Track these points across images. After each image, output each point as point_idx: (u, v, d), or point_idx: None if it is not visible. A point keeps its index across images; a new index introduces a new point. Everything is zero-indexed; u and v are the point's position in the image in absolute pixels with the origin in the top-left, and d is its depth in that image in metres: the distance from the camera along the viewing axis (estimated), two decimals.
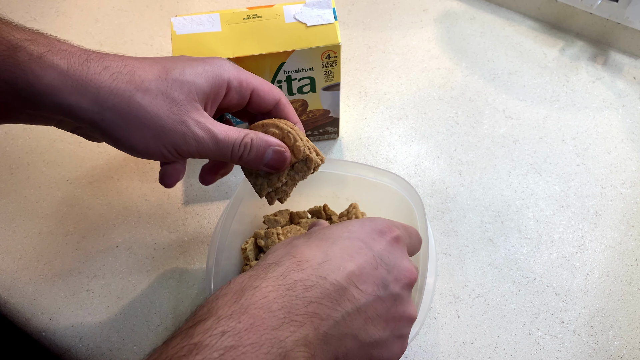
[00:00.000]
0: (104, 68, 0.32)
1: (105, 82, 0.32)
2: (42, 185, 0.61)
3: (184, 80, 0.34)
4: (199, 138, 0.35)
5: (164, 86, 0.33)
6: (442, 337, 0.51)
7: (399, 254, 0.36)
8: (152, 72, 0.34)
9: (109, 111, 0.32)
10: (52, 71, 0.31)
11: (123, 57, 0.34)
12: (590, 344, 0.51)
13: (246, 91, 0.37)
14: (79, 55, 0.32)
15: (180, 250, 0.56)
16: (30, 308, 0.53)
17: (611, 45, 0.70)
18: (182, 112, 0.34)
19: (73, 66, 0.32)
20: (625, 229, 0.57)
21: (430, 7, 0.75)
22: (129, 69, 0.33)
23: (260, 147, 0.37)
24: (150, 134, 0.33)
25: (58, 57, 0.31)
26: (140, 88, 0.33)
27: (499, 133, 0.64)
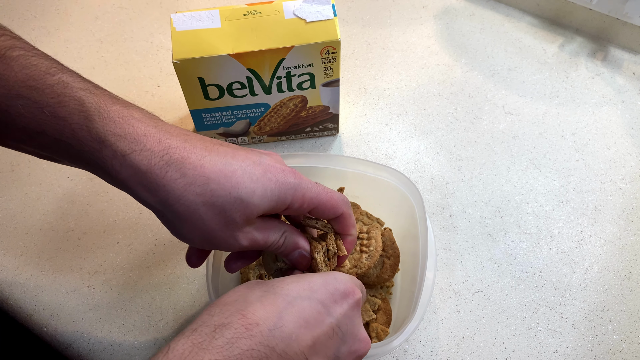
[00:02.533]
0: (180, 175, 0.33)
1: (177, 191, 0.33)
2: (43, 182, 0.61)
3: (250, 202, 0.35)
4: (242, 246, 0.36)
5: (229, 205, 0.34)
6: (442, 332, 0.51)
7: (357, 321, 0.35)
8: (225, 187, 0.34)
9: (171, 214, 0.34)
10: (131, 170, 0.33)
11: (203, 160, 0.34)
12: (589, 338, 0.51)
13: (305, 210, 0.38)
14: (160, 157, 0.33)
15: (181, 246, 0.56)
16: (31, 304, 0.53)
17: (610, 41, 0.70)
18: (236, 229, 0.35)
19: (152, 169, 0.33)
20: (624, 224, 0.57)
21: (430, 4, 0.75)
22: (204, 181, 0.34)
23: (289, 247, 0.39)
24: (200, 236, 0.35)
25: (140, 157, 0.33)
26: (207, 202, 0.34)
27: (498, 129, 0.64)
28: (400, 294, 0.52)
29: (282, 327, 0.31)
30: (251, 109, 0.57)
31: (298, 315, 0.32)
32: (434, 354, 0.50)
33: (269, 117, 0.59)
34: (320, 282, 0.34)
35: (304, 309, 0.32)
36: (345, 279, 0.36)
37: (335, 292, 0.34)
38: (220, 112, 0.57)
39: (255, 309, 0.31)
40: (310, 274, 0.36)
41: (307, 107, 0.59)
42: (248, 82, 0.54)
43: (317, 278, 0.35)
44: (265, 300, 0.32)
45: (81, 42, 0.72)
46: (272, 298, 0.32)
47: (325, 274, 0.36)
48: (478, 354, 0.50)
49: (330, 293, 0.34)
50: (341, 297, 0.35)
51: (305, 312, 0.32)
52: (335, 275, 0.36)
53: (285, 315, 0.32)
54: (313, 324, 0.32)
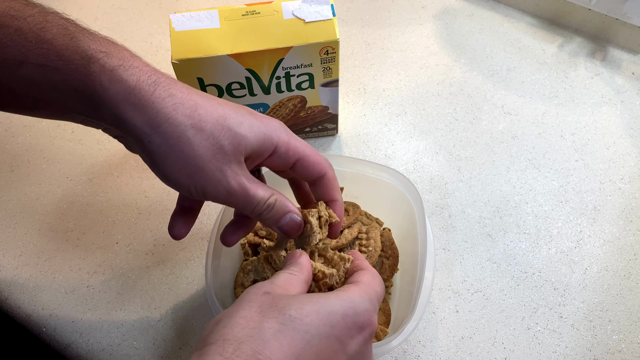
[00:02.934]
0: (169, 95, 0.33)
1: (166, 109, 0.32)
2: (42, 182, 0.61)
3: (238, 132, 0.34)
4: (231, 189, 0.35)
5: (218, 132, 0.34)
6: (441, 332, 0.51)
7: (368, 353, 0.35)
8: (213, 114, 0.34)
9: (158, 136, 0.33)
10: (119, 85, 0.32)
11: (190, 90, 0.35)
12: (588, 338, 0.51)
13: (291, 158, 0.38)
14: (149, 75, 0.33)
15: (180, 246, 0.56)
16: (30, 304, 0.53)
17: (610, 41, 0.70)
18: (224, 162, 0.34)
19: (140, 85, 0.32)
20: (623, 224, 0.57)
21: (429, 4, 0.75)
22: (192, 104, 0.33)
23: (280, 210, 0.38)
24: (187, 170, 0.34)
25: (128, 73, 0.32)
26: (195, 125, 0.33)
27: (497, 129, 0.64)
28: (399, 294, 0.52)
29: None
30: None
31: (315, 357, 0.31)
32: (433, 354, 0.50)
33: None
34: (340, 314, 0.32)
35: (322, 350, 0.31)
36: (364, 307, 0.34)
37: (353, 326, 0.33)
38: None
39: (273, 351, 0.29)
40: (327, 296, 0.33)
41: (306, 107, 0.59)
42: (247, 83, 0.54)
43: (337, 306, 0.32)
44: (283, 340, 0.30)
45: None
46: (290, 335, 0.30)
47: (346, 298, 0.33)
48: (477, 354, 0.50)
49: (348, 327, 0.32)
50: (358, 331, 0.33)
51: (323, 353, 0.31)
52: (355, 303, 0.33)
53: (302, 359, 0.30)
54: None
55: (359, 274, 0.38)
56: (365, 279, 0.37)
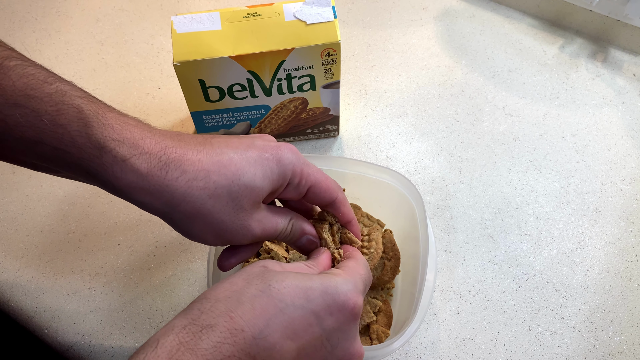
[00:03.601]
0: (181, 173, 0.34)
1: (180, 189, 0.34)
2: (44, 184, 0.61)
3: (253, 186, 0.35)
4: (256, 236, 0.37)
5: (235, 193, 0.35)
6: (442, 333, 0.51)
7: (351, 334, 0.35)
8: (226, 176, 0.35)
9: (178, 214, 0.34)
10: (132, 175, 0.33)
11: (200, 155, 0.35)
12: (590, 340, 0.51)
13: (303, 188, 0.39)
14: (159, 158, 0.34)
15: (182, 248, 0.56)
16: (32, 306, 0.53)
17: (611, 43, 0.70)
18: (246, 217, 0.36)
19: (152, 171, 0.33)
20: (625, 225, 0.57)
21: (430, 5, 0.75)
22: (205, 174, 0.34)
23: (297, 234, 0.40)
24: (212, 233, 0.36)
25: (140, 161, 0.33)
26: (212, 195, 0.34)
27: (498, 130, 0.64)
28: (401, 295, 0.52)
29: (267, 337, 0.30)
30: (252, 111, 0.57)
31: (286, 324, 0.31)
32: (434, 356, 0.50)
33: (269, 119, 0.59)
34: (319, 290, 0.33)
35: (294, 319, 0.32)
36: (347, 287, 0.34)
37: (333, 303, 0.33)
38: (221, 114, 0.57)
39: (244, 311, 0.31)
40: (311, 276, 0.34)
41: (307, 108, 0.59)
42: (248, 84, 0.54)
43: (317, 284, 0.33)
44: (257, 303, 0.31)
45: (82, 44, 0.72)
46: (264, 301, 0.31)
47: (328, 279, 0.34)
48: (479, 355, 0.50)
49: (326, 304, 0.33)
50: (338, 309, 0.33)
51: (295, 322, 0.32)
52: (337, 283, 0.34)
53: (272, 324, 0.31)
54: (300, 335, 0.32)
55: (344, 262, 0.39)
56: (350, 264, 0.38)
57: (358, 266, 0.38)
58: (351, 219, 0.43)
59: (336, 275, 0.35)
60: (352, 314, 0.34)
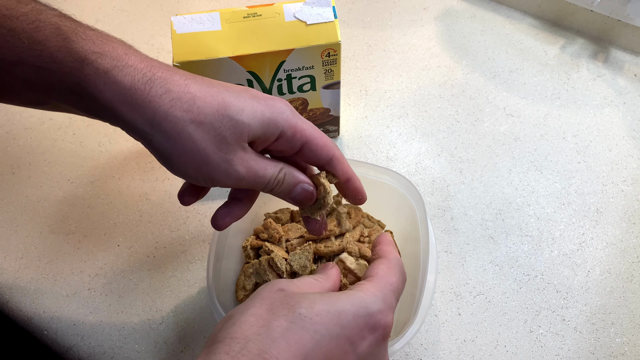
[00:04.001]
0: (165, 91, 0.33)
1: (163, 107, 0.32)
2: (44, 185, 0.61)
3: (239, 120, 0.34)
4: (240, 175, 0.35)
5: (218, 122, 0.33)
6: (443, 335, 0.51)
7: (381, 354, 0.34)
8: (212, 104, 0.34)
9: (159, 134, 0.33)
10: (114, 87, 0.32)
11: (187, 81, 0.34)
12: (591, 341, 0.51)
13: (297, 142, 0.37)
14: (143, 73, 0.33)
15: (182, 249, 0.56)
16: (32, 307, 0.53)
17: (612, 43, 0.70)
18: (229, 151, 0.34)
19: (136, 85, 0.32)
20: (626, 226, 0.57)
21: (431, 5, 0.75)
22: (190, 97, 0.33)
23: (291, 182, 0.38)
24: (193, 163, 0.34)
25: (123, 73, 0.32)
26: (195, 119, 0.33)
27: (499, 131, 0.64)
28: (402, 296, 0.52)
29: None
30: None
31: (324, 357, 0.30)
32: (435, 357, 0.50)
33: None
34: (351, 314, 0.32)
35: (331, 350, 0.30)
36: (377, 307, 0.33)
37: (365, 326, 0.32)
38: None
39: (280, 350, 0.28)
40: (339, 295, 0.32)
41: (307, 109, 0.58)
42: (248, 85, 0.54)
43: (348, 305, 0.32)
44: (291, 338, 0.29)
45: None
46: (299, 334, 0.29)
47: (357, 298, 0.33)
48: (480, 357, 0.50)
49: (359, 328, 0.32)
50: (370, 331, 0.32)
51: (332, 353, 0.30)
52: (367, 302, 0.33)
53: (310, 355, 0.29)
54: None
55: (375, 265, 0.37)
56: (381, 271, 0.36)
57: (389, 273, 0.36)
58: (351, 176, 0.41)
59: (365, 292, 0.33)
60: (383, 335, 0.33)
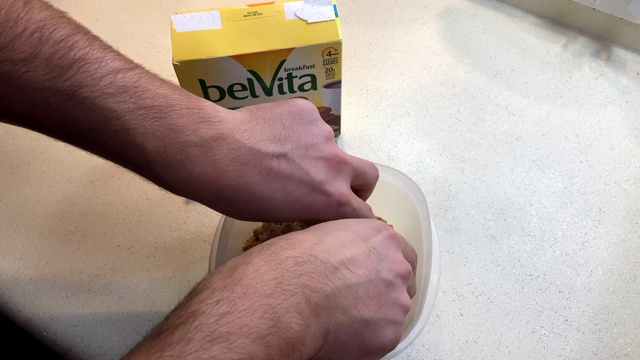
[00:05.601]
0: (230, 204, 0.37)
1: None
2: (43, 185, 0.60)
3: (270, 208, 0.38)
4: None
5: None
6: (445, 335, 0.51)
7: (394, 249, 0.37)
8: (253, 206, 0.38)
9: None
10: (168, 173, 0.36)
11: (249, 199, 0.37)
12: (594, 342, 0.50)
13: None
14: (214, 195, 0.37)
15: (182, 249, 0.56)
16: (31, 308, 0.53)
17: (614, 41, 0.70)
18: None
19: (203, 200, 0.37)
20: (629, 226, 0.57)
21: (432, 4, 0.74)
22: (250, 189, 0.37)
23: None
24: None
25: (172, 159, 0.35)
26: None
27: (501, 130, 0.63)
28: None
29: (322, 244, 0.34)
30: None
31: (336, 239, 0.35)
32: (437, 358, 0.50)
33: None
34: (355, 221, 0.38)
35: (341, 236, 0.35)
36: (378, 222, 0.39)
37: (369, 227, 0.37)
38: None
39: (297, 235, 0.35)
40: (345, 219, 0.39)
41: None
42: (249, 84, 0.53)
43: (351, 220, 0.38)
44: (306, 231, 0.36)
45: None
46: (311, 230, 0.36)
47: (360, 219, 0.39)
48: (482, 358, 0.50)
49: (363, 228, 0.37)
50: (375, 230, 0.37)
51: (342, 237, 0.35)
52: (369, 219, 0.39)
53: (324, 239, 0.35)
54: (350, 245, 0.35)
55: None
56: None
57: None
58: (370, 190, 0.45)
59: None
60: (388, 234, 0.38)
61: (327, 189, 0.38)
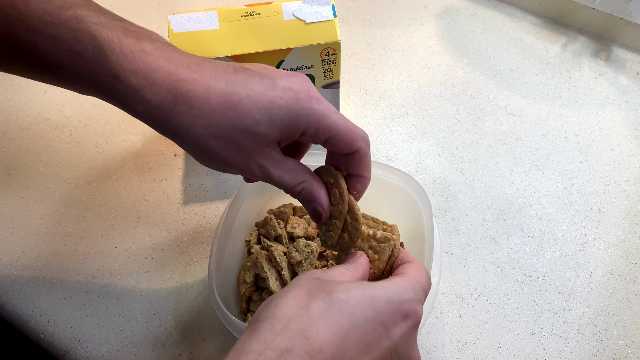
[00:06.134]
0: (187, 108, 0.35)
1: (185, 124, 0.35)
2: (40, 186, 0.60)
3: (256, 132, 0.36)
4: (257, 177, 0.38)
5: (236, 136, 0.36)
6: (444, 337, 0.51)
7: (412, 342, 0.35)
8: (230, 118, 0.36)
9: (186, 145, 0.37)
10: (143, 105, 0.35)
11: (210, 92, 0.36)
12: (594, 343, 0.50)
13: (320, 138, 0.38)
14: (169, 91, 0.35)
15: (180, 250, 0.56)
16: (28, 310, 0.53)
17: (614, 41, 0.69)
18: (247, 157, 0.37)
19: (162, 103, 0.35)
20: (629, 227, 0.56)
21: (431, 3, 0.74)
22: (209, 113, 0.35)
23: (306, 199, 0.39)
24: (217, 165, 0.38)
25: (151, 92, 0.34)
26: (214, 134, 0.36)
27: (500, 130, 0.63)
28: None
29: (345, 354, 0.31)
30: None
31: (360, 339, 0.32)
32: None
33: None
34: (385, 299, 0.33)
35: (367, 332, 0.32)
36: (409, 296, 0.34)
37: (397, 312, 0.34)
38: None
39: (320, 330, 0.31)
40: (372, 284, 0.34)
41: None
42: None
43: (381, 292, 0.34)
44: (329, 319, 0.31)
45: None
46: (337, 316, 0.31)
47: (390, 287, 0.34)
48: (481, 359, 0.49)
49: (392, 314, 0.33)
50: (402, 318, 0.34)
51: (368, 336, 0.32)
52: (399, 291, 0.34)
53: (348, 340, 0.31)
54: (373, 348, 0.32)
55: (405, 267, 0.38)
56: (411, 271, 0.37)
57: (419, 274, 0.37)
58: (364, 175, 0.40)
59: (396, 283, 0.35)
60: (414, 323, 0.35)
61: (285, 85, 0.36)
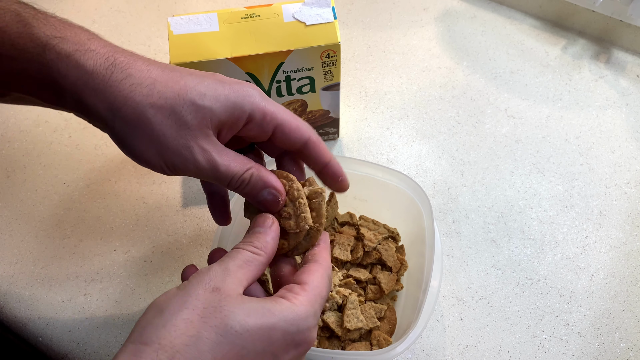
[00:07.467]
0: (126, 76, 0.33)
1: (123, 92, 0.32)
2: (39, 188, 0.60)
3: (200, 105, 0.33)
4: (199, 165, 0.34)
5: (179, 106, 0.33)
6: (445, 340, 0.50)
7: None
8: (173, 88, 0.33)
9: (119, 119, 0.33)
10: (76, 71, 0.32)
11: (150, 66, 0.34)
12: (595, 346, 0.50)
13: (268, 125, 0.36)
14: (106, 58, 0.33)
15: (179, 253, 0.55)
16: (27, 313, 0.52)
17: (614, 43, 0.69)
18: (189, 137, 0.33)
19: (97, 69, 0.32)
20: (630, 229, 0.56)
21: (431, 6, 0.74)
22: (150, 81, 0.33)
23: (257, 185, 0.36)
24: (153, 149, 0.34)
25: (85, 57, 0.32)
26: (154, 104, 0.33)
27: (501, 132, 0.63)
28: (405, 299, 0.51)
29: None
30: None
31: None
32: None
33: None
34: (282, 331, 0.32)
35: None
36: (306, 324, 0.33)
37: (292, 342, 0.32)
38: None
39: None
40: (273, 309, 0.32)
41: (307, 111, 0.58)
42: None
43: (281, 322, 0.32)
44: (218, 352, 0.30)
45: None
46: (226, 349, 0.30)
47: (290, 313, 0.32)
48: None
49: (286, 344, 0.32)
50: (294, 347, 0.33)
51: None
52: (299, 320, 0.33)
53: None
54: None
55: (311, 272, 0.35)
56: (316, 280, 0.35)
57: (322, 283, 0.35)
58: (329, 160, 0.38)
59: (298, 305, 0.33)
60: (305, 350, 0.34)
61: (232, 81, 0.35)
